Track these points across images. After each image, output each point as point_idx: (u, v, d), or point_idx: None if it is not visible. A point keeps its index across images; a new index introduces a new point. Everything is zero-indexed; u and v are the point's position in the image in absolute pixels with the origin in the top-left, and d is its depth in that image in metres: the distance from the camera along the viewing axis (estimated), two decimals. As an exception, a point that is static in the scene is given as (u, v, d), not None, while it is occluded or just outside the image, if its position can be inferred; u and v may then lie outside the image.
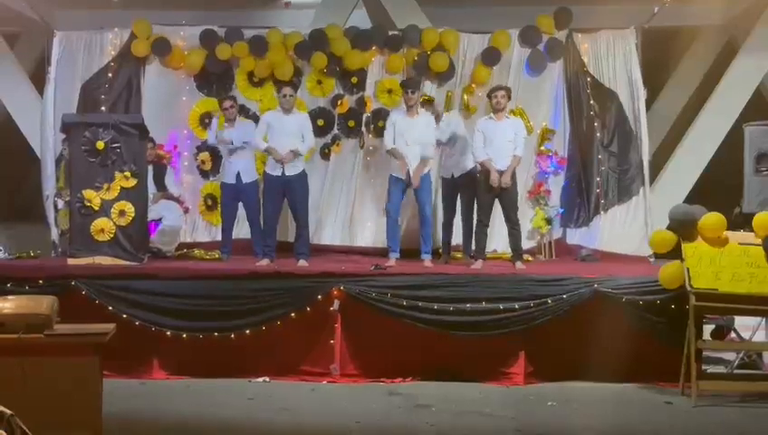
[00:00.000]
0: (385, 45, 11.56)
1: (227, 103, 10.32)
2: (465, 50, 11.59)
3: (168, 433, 6.78)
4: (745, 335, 8.94)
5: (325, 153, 11.55)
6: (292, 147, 9.65)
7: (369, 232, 11.48)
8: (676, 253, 8.19)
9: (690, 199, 10.70)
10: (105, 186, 9.06)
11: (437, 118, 10.17)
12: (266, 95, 11.45)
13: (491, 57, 11.43)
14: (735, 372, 8.58)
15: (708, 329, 8.97)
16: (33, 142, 12.24)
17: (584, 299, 8.33)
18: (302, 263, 9.58)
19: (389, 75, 11.53)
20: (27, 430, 3.40)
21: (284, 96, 9.86)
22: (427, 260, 9.68)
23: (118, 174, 9.08)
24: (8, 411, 3.31)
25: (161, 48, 11.45)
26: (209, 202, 11.58)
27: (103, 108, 11.20)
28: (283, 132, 9.68)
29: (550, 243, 11.37)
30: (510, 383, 8.33)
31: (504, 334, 8.31)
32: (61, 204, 10.67)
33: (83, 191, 9.05)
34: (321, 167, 11.46)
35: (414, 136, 9.67)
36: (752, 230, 8.14)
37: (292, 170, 9.68)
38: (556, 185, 11.54)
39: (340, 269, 8.93)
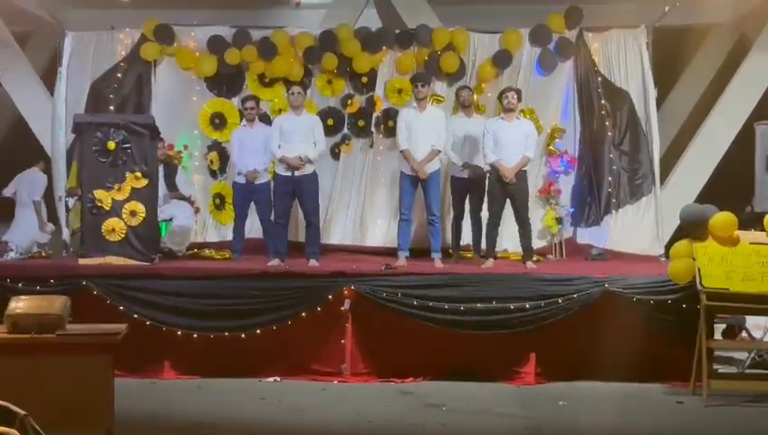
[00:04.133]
0: (396, 42, 11.55)
1: (249, 104, 10.33)
2: (475, 49, 11.57)
3: (179, 433, 6.80)
4: (757, 335, 8.92)
5: (335, 153, 11.55)
6: (304, 150, 9.65)
7: (380, 232, 11.48)
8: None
9: (701, 198, 10.68)
10: (116, 186, 9.07)
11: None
12: (278, 95, 11.46)
13: (502, 60, 11.38)
14: (747, 371, 8.55)
15: (720, 328, 8.96)
16: (44, 142, 12.29)
17: (595, 299, 8.32)
18: (313, 262, 9.59)
19: (400, 75, 11.52)
20: (40, 430, 3.41)
21: (292, 93, 9.88)
22: (437, 259, 9.68)
23: (129, 174, 9.08)
24: (22, 412, 3.33)
25: (164, 36, 11.43)
26: (217, 201, 11.60)
27: (112, 107, 11.23)
28: (295, 134, 9.67)
29: (560, 242, 11.34)
30: (521, 383, 8.33)
31: (515, 334, 8.30)
32: (71, 202, 10.70)
33: (94, 191, 9.05)
34: (331, 166, 11.44)
35: (424, 130, 9.67)
36: (763, 229, 8.11)
37: (302, 171, 9.68)
38: (566, 184, 11.51)
39: (350, 269, 8.94)
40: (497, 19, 12.61)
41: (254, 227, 10.58)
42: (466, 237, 10.42)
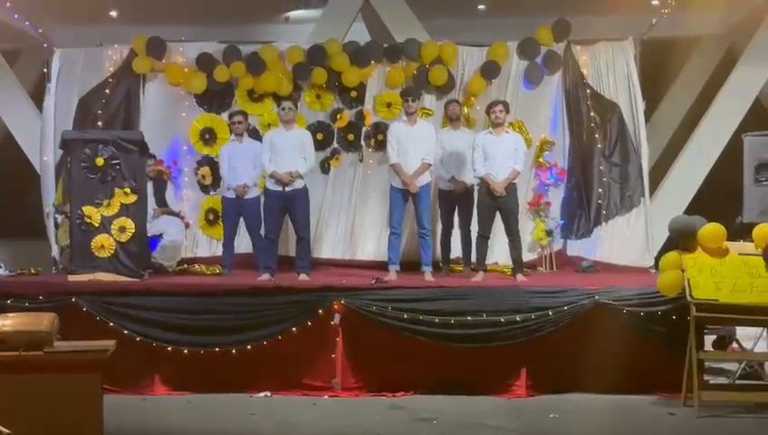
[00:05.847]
0: (384, 56, 11.58)
1: (236, 118, 10.34)
2: (464, 63, 11.60)
3: (170, 449, 6.79)
4: (747, 345, 8.92)
5: (325, 167, 11.56)
6: (294, 164, 9.65)
7: (370, 245, 11.49)
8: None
9: (690, 210, 10.69)
10: (105, 202, 9.04)
11: None
12: (267, 110, 11.48)
13: (490, 71, 11.44)
14: (738, 382, 8.55)
15: (710, 339, 8.96)
16: (32, 159, 12.26)
17: (585, 311, 8.32)
18: (303, 277, 9.57)
19: (389, 89, 11.53)
20: (26, 449, 3.39)
21: (283, 109, 9.90)
22: (427, 273, 9.67)
23: (118, 190, 9.05)
24: (5, 430, 3.30)
25: (156, 49, 11.44)
26: (210, 217, 11.59)
27: (100, 123, 11.23)
28: (285, 149, 9.68)
29: (550, 255, 11.35)
30: (512, 395, 8.30)
31: (506, 346, 8.28)
32: (60, 219, 10.67)
33: (83, 208, 9.02)
34: (320, 181, 11.46)
35: (413, 144, 9.70)
36: (752, 240, 8.12)
37: (293, 186, 9.68)
38: (556, 197, 11.53)
39: (340, 283, 8.92)
40: (485, 32, 12.64)
41: (244, 242, 10.57)
42: (456, 251, 10.42)
